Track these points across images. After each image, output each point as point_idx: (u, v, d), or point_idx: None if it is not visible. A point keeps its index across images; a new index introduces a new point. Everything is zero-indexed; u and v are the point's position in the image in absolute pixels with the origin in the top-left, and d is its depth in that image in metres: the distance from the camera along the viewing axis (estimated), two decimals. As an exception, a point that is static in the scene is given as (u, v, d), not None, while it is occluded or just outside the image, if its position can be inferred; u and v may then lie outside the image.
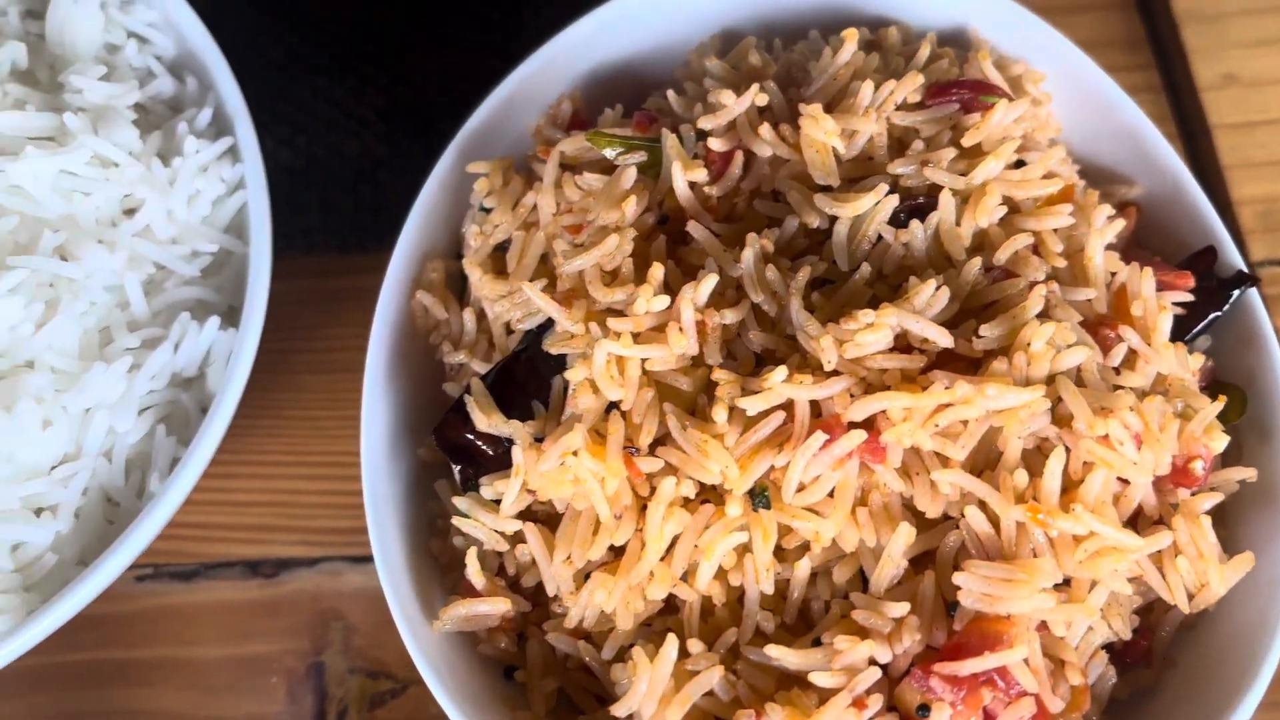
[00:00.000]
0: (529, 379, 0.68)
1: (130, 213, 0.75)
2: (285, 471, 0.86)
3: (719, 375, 0.61)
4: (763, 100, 0.69)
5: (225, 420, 0.69)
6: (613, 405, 0.63)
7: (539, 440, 0.64)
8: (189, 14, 0.80)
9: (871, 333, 0.60)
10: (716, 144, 0.68)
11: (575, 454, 0.61)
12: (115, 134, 0.73)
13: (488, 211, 0.75)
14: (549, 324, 0.68)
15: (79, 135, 0.72)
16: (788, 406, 0.61)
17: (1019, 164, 0.68)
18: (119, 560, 0.65)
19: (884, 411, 0.60)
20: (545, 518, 0.66)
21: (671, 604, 0.63)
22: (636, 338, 0.62)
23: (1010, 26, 0.79)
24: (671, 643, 0.60)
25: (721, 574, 0.62)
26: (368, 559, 0.84)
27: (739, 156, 0.68)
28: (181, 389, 0.72)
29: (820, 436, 0.59)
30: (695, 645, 0.60)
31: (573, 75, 0.81)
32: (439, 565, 0.69)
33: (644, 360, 0.62)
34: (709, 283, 0.63)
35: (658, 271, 0.63)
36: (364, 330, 0.90)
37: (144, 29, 0.81)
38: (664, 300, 0.62)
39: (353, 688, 0.81)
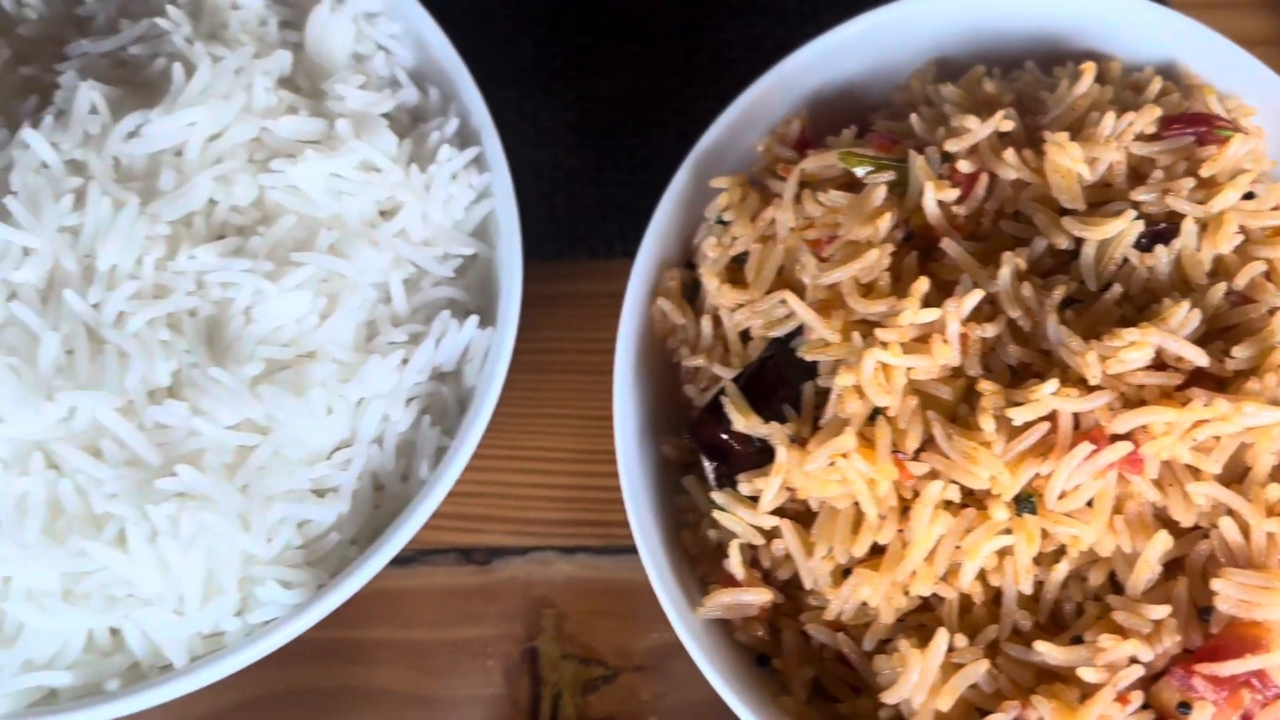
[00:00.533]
0: (776, 383, 0.72)
1: (385, 215, 0.79)
2: (497, 465, 0.90)
3: (984, 386, 0.65)
4: (1006, 126, 0.73)
5: (489, 414, 0.74)
6: (876, 411, 0.67)
7: (796, 441, 0.68)
8: (433, 27, 0.85)
9: (1134, 350, 0.63)
10: (964, 166, 0.72)
11: (846, 456, 0.65)
12: (377, 140, 0.78)
13: (724, 224, 0.79)
14: (796, 332, 0.72)
15: (348, 140, 0.76)
16: (1049, 417, 0.64)
17: (1248, 195, 0.72)
18: (398, 541, 0.69)
19: (1143, 425, 0.63)
20: (794, 514, 0.70)
21: (924, 600, 0.67)
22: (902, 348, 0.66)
23: (1218, 60, 0.82)
24: (942, 636, 0.63)
25: (981, 574, 0.65)
26: (577, 549, 0.89)
27: (983, 178, 0.72)
28: (441, 382, 0.77)
29: (1086, 447, 0.63)
30: (960, 640, 0.64)
31: (795, 98, 0.85)
32: (688, 556, 0.73)
33: (908, 369, 0.66)
34: (973, 297, 0.66)
35: (922, 285, 0.67)
36: (566, 334, 0.95)
37: (387, 40, 0.86)
38: (933, 313, 0.66)
39: (566, 673, 0.84)
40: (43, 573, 0.64)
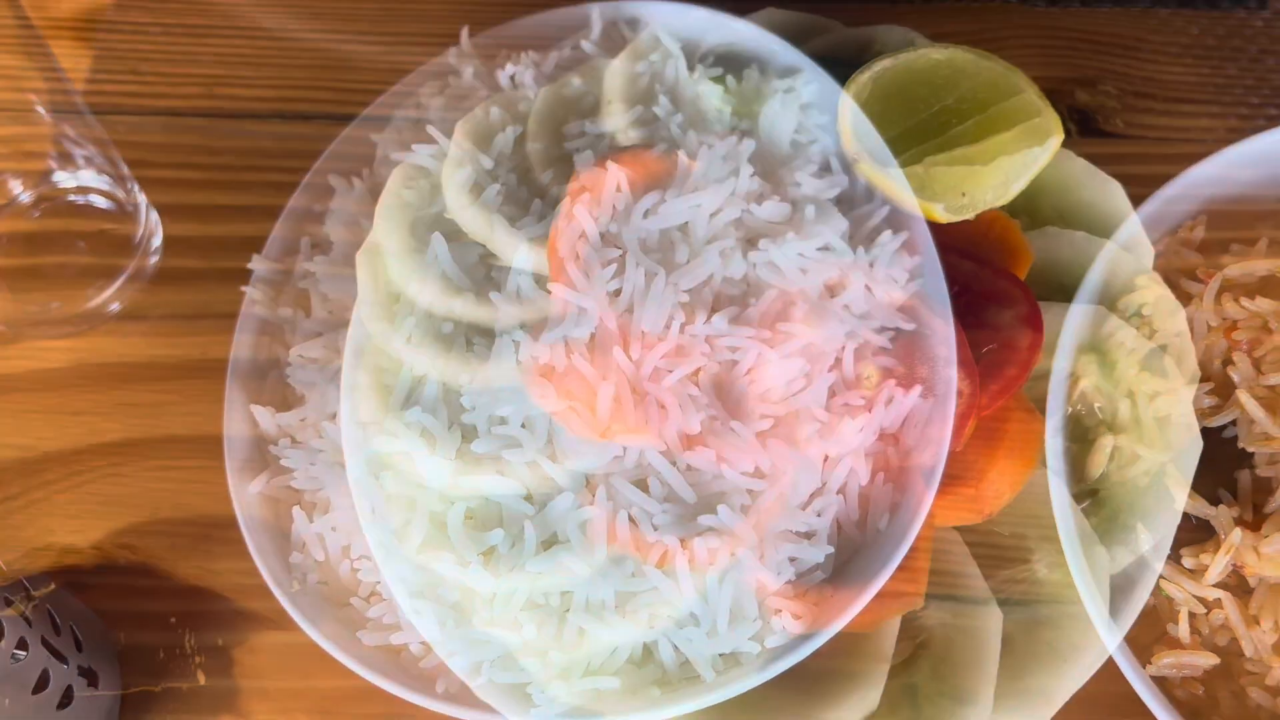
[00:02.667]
0: (1204, 468, 0.81)
1: (828, 289, 0.89)
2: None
3: None
4: None
5: (939, 476, 0.83)
6: (1327, 502, 0.75)
7: (1241, 524, 0.77)
8: (863, 120, 0.95)
9: None
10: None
11: (1304, 542, 0.74)
12: (832, 223, 0.88)
13: (1140, 316, 0.88)
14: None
15: (813, 223, 0.87)
16: None
17: None
18: (878, 583, 0.79)
19: None
20: (1222, 584, 0.78)
21: (1356, 674, 0.75)
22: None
23: None
24: (1400, 709, 0.71)
25: None
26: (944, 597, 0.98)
27: None
28: (885, 443, 0.86)
29: None
30: None
31: (1193, 204, 0.93)
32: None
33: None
34: None
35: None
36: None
37: (815, 130, 0.96)
38: (1386, 420, 0.75)
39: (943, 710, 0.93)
40: (603, 589, 0.74)
